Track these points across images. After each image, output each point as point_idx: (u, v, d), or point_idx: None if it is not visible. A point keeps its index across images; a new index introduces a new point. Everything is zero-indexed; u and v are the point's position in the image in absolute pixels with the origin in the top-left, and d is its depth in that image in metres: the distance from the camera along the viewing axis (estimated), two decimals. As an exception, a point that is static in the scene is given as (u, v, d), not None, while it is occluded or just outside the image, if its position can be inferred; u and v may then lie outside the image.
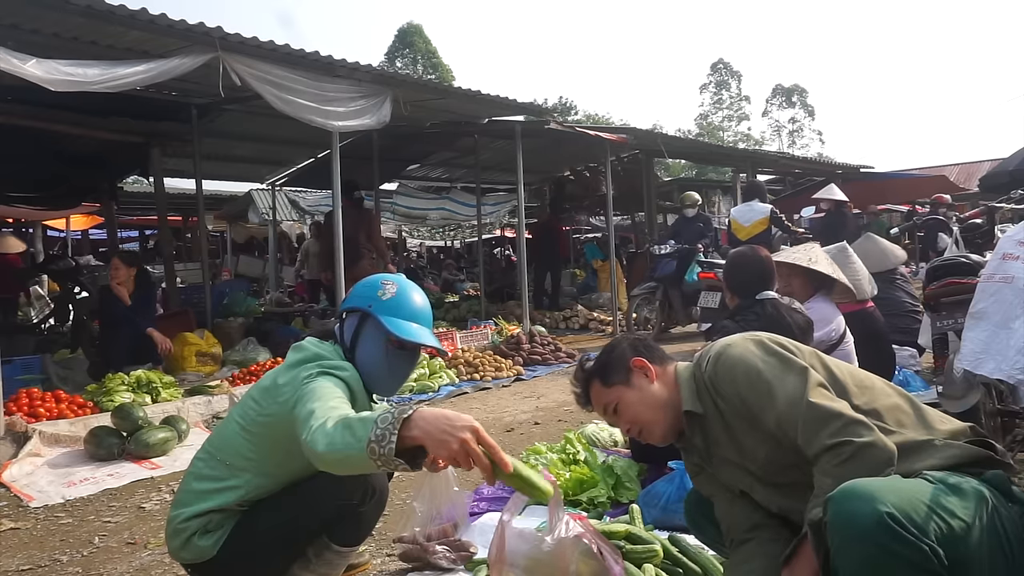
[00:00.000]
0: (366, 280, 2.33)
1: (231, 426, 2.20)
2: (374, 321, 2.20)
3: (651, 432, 1.99)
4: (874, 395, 1.81)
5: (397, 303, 2.22)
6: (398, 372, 2.29)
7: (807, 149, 49.25)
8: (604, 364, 2.04)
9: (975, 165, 21.30)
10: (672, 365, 2.04)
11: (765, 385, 1.79)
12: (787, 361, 1.82)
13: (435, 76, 32.72)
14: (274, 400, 2.07)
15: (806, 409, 1.70)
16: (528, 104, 8.45)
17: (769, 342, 1.89)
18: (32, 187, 9.93)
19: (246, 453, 2.14)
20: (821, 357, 1.90)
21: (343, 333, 2.25)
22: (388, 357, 2.23)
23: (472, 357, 6.87)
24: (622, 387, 1.99)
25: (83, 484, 3.92)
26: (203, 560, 2.15)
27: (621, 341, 2.10)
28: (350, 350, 2.22)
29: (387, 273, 2.35)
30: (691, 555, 2.45)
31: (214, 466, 2.17)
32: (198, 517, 2.13)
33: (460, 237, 24.33)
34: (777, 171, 16.03)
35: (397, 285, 2.26)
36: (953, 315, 3.78)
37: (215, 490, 2.14)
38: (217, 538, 2.13)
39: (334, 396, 1.91)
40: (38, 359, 6.15)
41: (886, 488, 1.49)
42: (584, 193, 14.41)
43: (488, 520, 2.95)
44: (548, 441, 3.74)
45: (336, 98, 6.14)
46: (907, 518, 1.43)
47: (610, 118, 41.50)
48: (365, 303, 2.23)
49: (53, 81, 4.31)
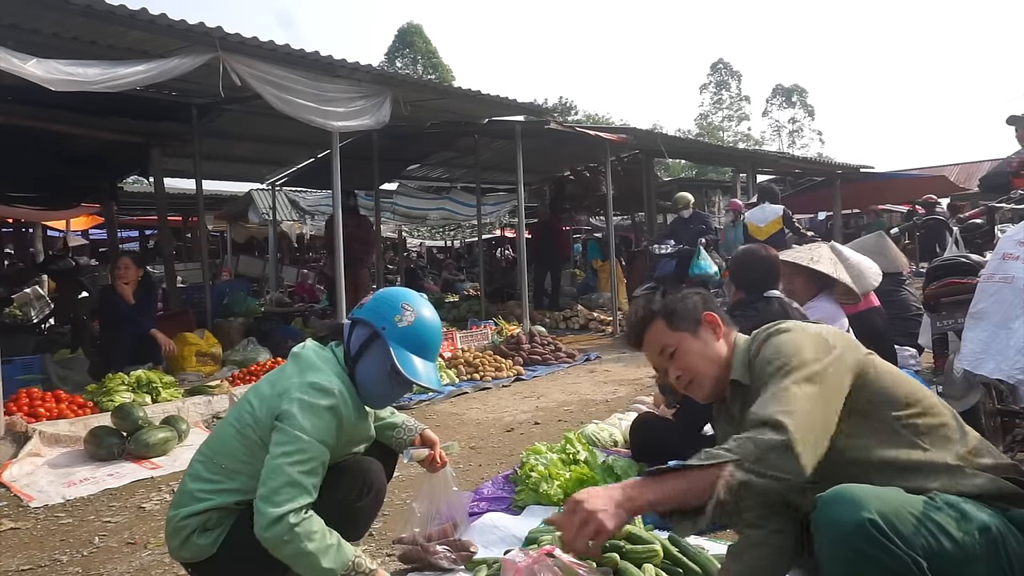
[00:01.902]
0: (388, 296, 2.30)
1: (227, 429, 2.21)
2: (383, 344, 2.19)
3: (700, 386, 1.95)
4: (923, 409, 1.74)
5: (411, 334, 2.21)
6: (393, 394, 2.31)
7: (807, 149, 49.32)
8: (674, 308, 2.00)
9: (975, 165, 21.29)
10: (735, 332, 2.01)
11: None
12: (822, 353, 1.73)
13: (435, 76, 32.73)
14: (267, 410, 2.12)
15: (780, 388, 1.66)
16: (528, 104, 8.44)
17: (826, 335, 1.80)
18: (32, 187, 9.93)
19: (241, 456, 2.15)
20: (876, 363, 1.81)
21: (350, 340, 2.26)
22: (387, 380, 2.23)
23: (472, 357, 6.87)
24: (688, 335, 1.96)
25: (83, 484, 3.92)
26: (202, 559, 2.15)
27: (692, 294, 2.06)
28: (353, 360, 2.23)
29: (406, 291, 2.34)
30: (691, 555, 2.45)
31: (211, 468, 2.18)
32: (196, 516, 2.14)
33: (460, 237, 24.35)
34: (777, 171, 16.01)
35: (416, 314, 2.24)
36: (953, 315, 3.78)
37: (212, 491, 2.15)
38: (216, 536, 2.14)
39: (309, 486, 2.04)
40: (38, 359, 6.14)
41: (873, 495, 1.51)
42: (584, 193, 14.41)
43: (488, 520, 2.95)
44: (548, 441, 3.74)
45: (336, 98, 6.13)
46: (890, 526, 1.45)
47: (610, 118, 41.52)
48: (379, 323, 2.21)
49: (53, 81, 4.31)
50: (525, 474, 3.28)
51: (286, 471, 2.00)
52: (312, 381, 2.11)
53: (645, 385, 6.08)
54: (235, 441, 2.16)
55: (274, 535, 1.96)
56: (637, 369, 6.94)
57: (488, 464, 4.05)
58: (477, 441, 4.60)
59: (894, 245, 5.97)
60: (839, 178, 14.92)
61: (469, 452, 4.32)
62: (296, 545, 1.97)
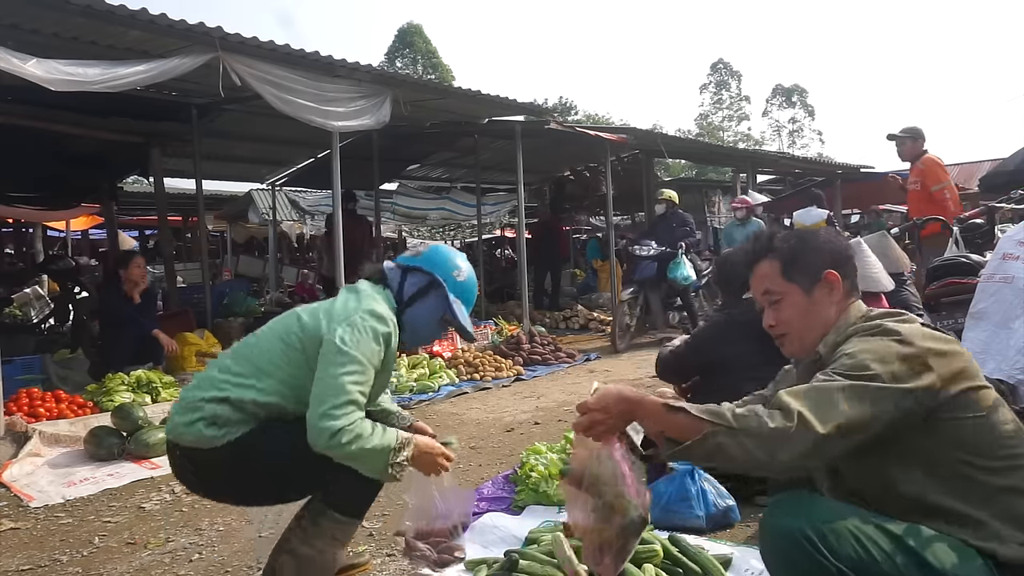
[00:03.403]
0: (443, 251, 2.50)
1: (267, 334, 2.27)
2: (443, 294, 2.39)
3: (791, 342, 1.84)
4: (1005, 464, 1.60)
5: (465, 289, 2.45)
6: (433, 337, 2.72)
7: (807, 149, 49.28)
8: (795, 256, 1.82)
9: (975, 165, 21.27)
10: (855, 299, 1.83)
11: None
12: (900, 375, 1.57)
13: (435, 76, 32.71)
14: (320, 324, 2.19)
15: (824, 386, 1.57)
16: (528, 104, 8.44)
17: (929, 357, 1.60)
18: (32, 187, 9.92)
19: (276, 360, 2.19)
20: (981, 403, 1.65)
21: (403, 285, 2.39)
22: (434, 325, 2.45)
23: (472, 357, 6.87)
24: (799, 289, 1.80)
25: (83, 484, 3.91)
26: (203, 448, 2.12)
27: (824, 242, 1.86)
28: (405, 303, 2.38)
29: (453, 249, 2.55)
30: (691, 555, 2.45)
31: (241, 363, 2.21)
32: (214, 403, 2.13)
33: (460, 237, 24.32)
34: (777, 171, 16.01)
35: (467, 273, 2.46)
36: (953, 315, 3.78)
37: (236, 384, 2.16)
38: (224, 433, 2.12)
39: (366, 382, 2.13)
40: (38, 359, 6.14)
41: (817, 509, 1.57)
42: (584, 193, 14.41)
43: (488, 520, 2.95)
44: (548, 441, 3.74)
45: (336, 98, 6.13)
46: (822, 539, 1.50)
47: (610, 118, 41.49)
48: (442, 274, 2.40)
49: (53, 81, 4.31)
50: (525, 474, 3.28)
51: (348, 388, 2.06)
52: (372, 309, 2.23)
53: (645, 385, 6.08)
54: (275, 344, 2.22)
55: (335, 444, 2.01)
56: (637, 369, 6.94)
57: (488, 464, 4.05)
58: (477, 441, 4.60)
59: (896, 245, 5.97)
60: (839, 178, 14.91)
61: (469, 452, 4.32)
62: (355, 445, 2.03)
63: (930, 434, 1.60)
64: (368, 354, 2.14)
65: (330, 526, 2.18)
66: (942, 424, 1.59)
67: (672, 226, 8.63)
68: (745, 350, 2.91)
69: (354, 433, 2.03)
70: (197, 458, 2.16)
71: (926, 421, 1.59)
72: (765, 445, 1.51)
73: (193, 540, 3.12)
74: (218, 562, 2.89)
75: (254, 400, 2.15)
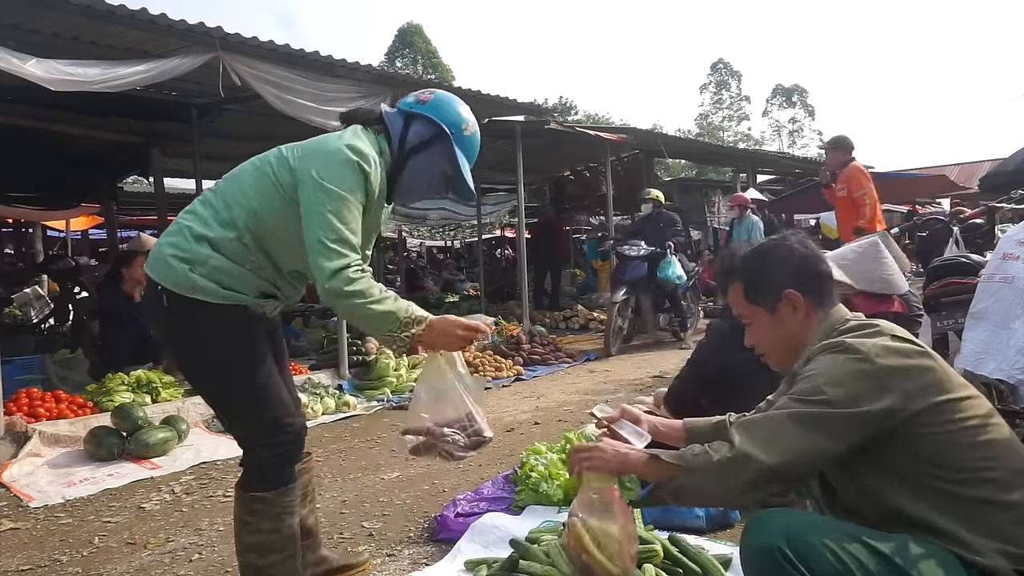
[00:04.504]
0: (450, 101, 2.27)
1: (243, 166, 2.18)
2: (447, 146, 2.20)
3: (771, 361, 1.91)
4: (996, 474, 1.56)
5: (472, 144, 2.26)
6: (428, 192, 2.35)
7: (807, 149, 49.28)
8: (755, 278, 1.86)
9: (975, 165, 21.28)
10: (825, 310, 1.81)
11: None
12: (855, 398, 1.57)
13: (435, 76, 32.75)
14: (295, 155, 2.10)
15: (777, 415, 1.64)
16: (528, 104, 8.43)
17: (885, 376, 1.58)
18: (32, 187, 9.91)
19: (245, 188, 2.10)
20: (950, 415, 1.59)
21: (405, 133, 2.21)
22: (434, 181, 2.27)
23: (472, 357, 6.86)
24: (763, 311, 1.85)
25: (83, 484, 3.91)
26: (175, 287, 2.07)
27: (787, 255, 1.84)
28: (406, 152, 2.21)
29: (459, 99, 2.34)
30: (691, 555, 2.44)
31: (208, 201, 2.14)
32: (191, 240, 2.07)
33: (460, 237, 24.31)
34: (777, 171, 16.03)
35: (474, 127, 2.27)
36: (953, 315, 3.77)
37: (202, 218, 2.10)
38: (199, 286, 2.05)
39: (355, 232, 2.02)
40: (38, 359, 6.14)
41: (793, 525, 1.59)
42: (584, 193, 14.40)
43: (488, 520, 2.94)
44: (548, 441, 3.73)
45: (336, 98, 6.13)
46: (798, 555, 1.51)
47: (610, 118, 41.53)
48: (450, 125, 2.21)
49: (53, 81, 4.30)
50: (525, 474, 3.28)
51: (336, 226, 1.98)
52: (351, 143, 2.08)
53: (645, 385, 6.08)
54: (247, 175, 2.13)
55: (335, 288, 1.95)
56: (637, 369, 6.94)
57: (488, 464, 4.04)
58: (477, 441, 4.60)
59: (896, 245, 5.99)
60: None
61: (469, 452, 4.31)
62: (357, 300, 1.97)
63: (902, 449, 1.59)
64: (349, 187, 2.03)
65: (262, 507, 2.14)
66: (913, 439, 1.58)
67: (660, 226, 8.49)
68: (750, 354, 2.89)
69: (355, 288, 1.96)
70: (174, 299, 2.08)
71: (893, 437, 1.58)
72: (716, 480, 1.63)
73: (193, 540, 3.12)
74: (218, 562, 2.89)
75: (221, 223, 2.09)
